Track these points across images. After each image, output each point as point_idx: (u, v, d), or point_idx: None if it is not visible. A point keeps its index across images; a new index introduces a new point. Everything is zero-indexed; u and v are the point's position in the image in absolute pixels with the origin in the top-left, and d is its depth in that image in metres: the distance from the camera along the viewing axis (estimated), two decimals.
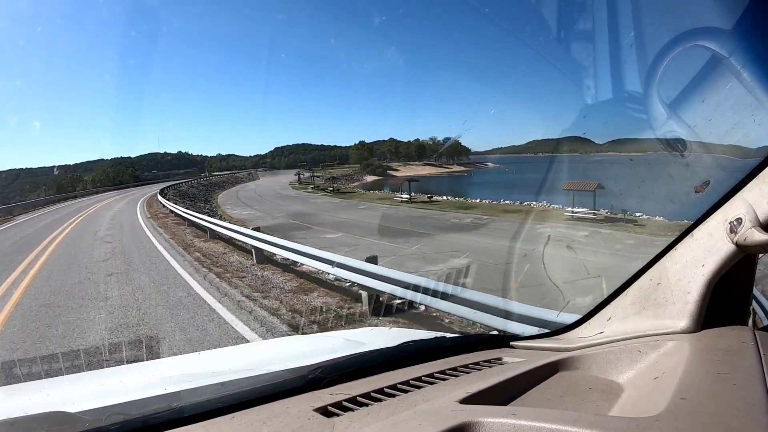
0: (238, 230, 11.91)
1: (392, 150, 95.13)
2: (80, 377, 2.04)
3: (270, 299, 7.09)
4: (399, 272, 6.19)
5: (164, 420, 0.97)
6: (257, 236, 10.33)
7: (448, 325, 6.06)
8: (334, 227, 22.91)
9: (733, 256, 1.05)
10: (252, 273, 9.19)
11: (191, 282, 8.45)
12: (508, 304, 4.67)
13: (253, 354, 2.06)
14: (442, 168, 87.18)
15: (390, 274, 6.08)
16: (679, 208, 2.02)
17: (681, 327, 1.11)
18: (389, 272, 6.17)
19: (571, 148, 8.45)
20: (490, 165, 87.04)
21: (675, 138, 1.51)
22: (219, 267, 9.63)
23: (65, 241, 15.13)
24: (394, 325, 5.30)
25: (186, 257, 10.92)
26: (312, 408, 1.00)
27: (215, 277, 8.67)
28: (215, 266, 9.70)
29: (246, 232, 11.32)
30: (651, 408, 0.78)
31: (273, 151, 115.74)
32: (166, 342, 5.40)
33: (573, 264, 8.62)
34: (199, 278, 8.74)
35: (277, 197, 45.21)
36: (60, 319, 6.53)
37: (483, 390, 0.99)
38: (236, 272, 9.18)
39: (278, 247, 9.24)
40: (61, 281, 9.09)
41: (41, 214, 29.36)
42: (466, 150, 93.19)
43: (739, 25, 1.23)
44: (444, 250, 15.93)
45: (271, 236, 10.22)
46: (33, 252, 13.04)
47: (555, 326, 1.63)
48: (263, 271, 9.33)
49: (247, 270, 9.48)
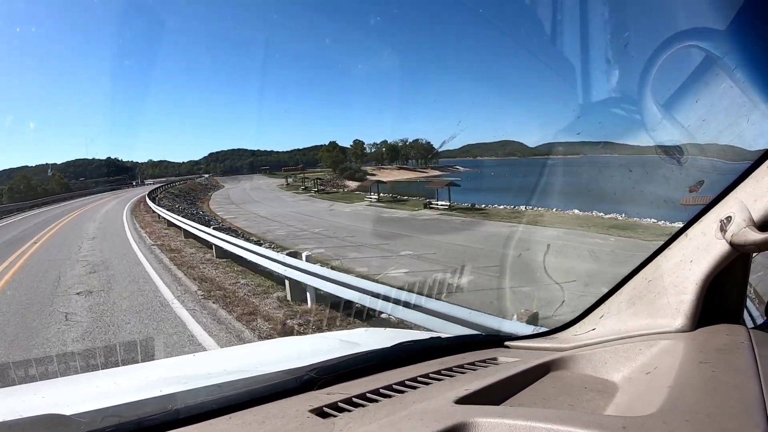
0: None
1: (358, 153, 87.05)
2: (75, 379, 2.02)
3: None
4: None
5: (159, 422, 0.97)
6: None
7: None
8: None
9: (727, 255, 1.05)
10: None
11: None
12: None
13: (249, 355, 2.05)
14: (417, 172, 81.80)
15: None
16: (673, 209, 2.03)
17: (676, 326, 1.11)
18: None
19: (566, 151, 8.43)
20: (461, 169, 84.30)
21: (672, 145, 1.52)
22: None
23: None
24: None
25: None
26: (308, 409, 1.00)
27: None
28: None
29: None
30: (646, 407, 0.78)
31: (207, 156, 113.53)
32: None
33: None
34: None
35: (323, 212, 29.55)
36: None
37: (478, 390, 0.99)
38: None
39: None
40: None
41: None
42: (434, 151, 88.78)
43: (733, 25, 1.23)
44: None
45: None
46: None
47: (550, 325, 1.63)
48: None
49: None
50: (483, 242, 16.34)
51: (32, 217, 28.96)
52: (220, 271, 9.91)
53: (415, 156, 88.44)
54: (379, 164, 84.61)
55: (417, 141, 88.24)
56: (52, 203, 42.01)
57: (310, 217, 26.06)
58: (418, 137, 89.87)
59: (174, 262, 10.99)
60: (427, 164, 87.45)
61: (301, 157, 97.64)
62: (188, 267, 10.27)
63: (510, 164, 67.53)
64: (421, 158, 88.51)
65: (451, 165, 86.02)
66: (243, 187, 61.88)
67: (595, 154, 10.51)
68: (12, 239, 17.84)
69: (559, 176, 13.29)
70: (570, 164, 13.07)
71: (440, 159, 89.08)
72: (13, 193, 52.73)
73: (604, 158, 8.60)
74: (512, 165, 63.73)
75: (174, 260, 11.16)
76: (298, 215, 27.36)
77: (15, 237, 18.54)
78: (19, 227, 22.92)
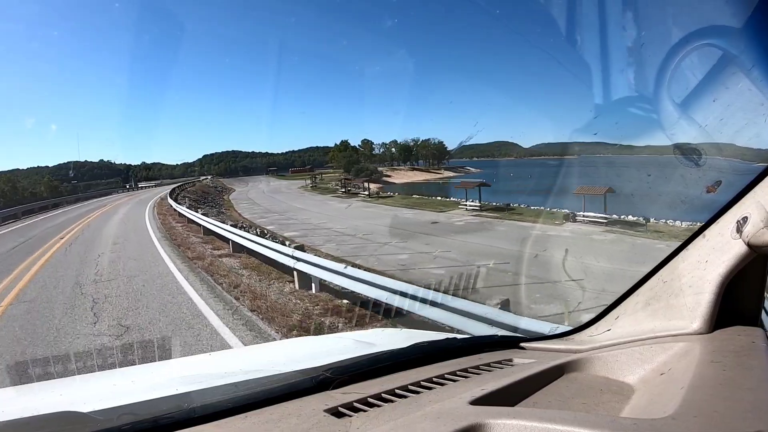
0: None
1: (366, 153, 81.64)
2: (92, 377, 2.06)
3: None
4: None
5: (175, 420, 0.98)
6: None
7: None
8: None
9: (744, 256, 1.04)
10: None
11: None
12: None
13: (264, 355, 2.07)
14: (429, 173, 78.92)
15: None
16: (690, 209, 2.01)
17: (692, 328, 1.10)
18: None
19: (580, 150, 8.31)
20: (472, 170, 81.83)
21: (691, 148, 1.50)
22: None
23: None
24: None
25: None
26: (323, 408, 1.01)
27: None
28: None
29: None
30: (662, 409, 0.78)
31: (202, 158, 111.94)
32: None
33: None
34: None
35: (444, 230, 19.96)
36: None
37: (493, 391, 0.99)
38: None
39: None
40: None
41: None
42: (449, 151, 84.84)
43: (749, 23, 1.22)
44: None
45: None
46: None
47: (565, 327, 1.63)
48: None
49: None
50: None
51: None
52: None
53: (427, 156, 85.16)
54: (390, 165, 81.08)
55: (428, 141, 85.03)
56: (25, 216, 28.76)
57: (437, 237, 17.39)
58: (428, 137, 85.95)
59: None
60: (439, 165, 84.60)
61: (297, 158, 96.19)
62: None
63: (514, 165, 66.54)
64: (434, 158, 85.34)
65: (461, 166, 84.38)
66: (259, 189, 55.84)
67: (611, 154, 10.31)
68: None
69: (578, 176, 12.78)
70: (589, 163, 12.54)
71: (451, 160, 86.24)
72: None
73: (621, 158, 8.40)
74: (516, 166, 62.83)
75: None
76: (398, 231, 18.87)
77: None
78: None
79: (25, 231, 19.54)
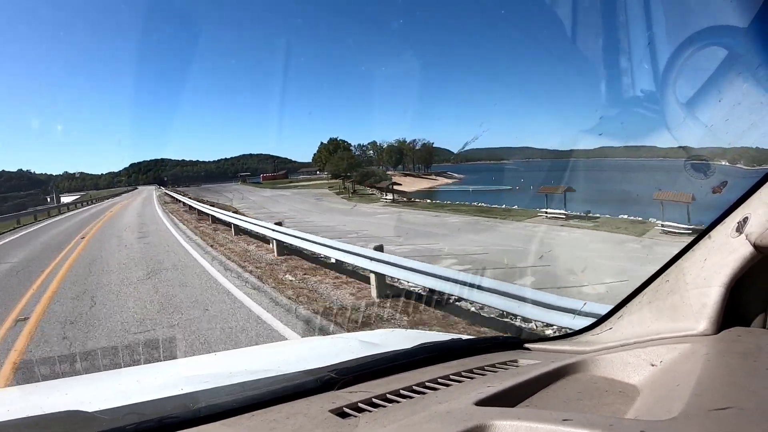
0: None
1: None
2: (97, 377, 2.07)
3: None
4: None
5: (181, 420, 0.99)
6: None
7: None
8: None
9: (751, 257, 1.03)
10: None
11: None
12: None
13: (268, 355, 2.08)
14: (422, 178, 71.08)
15: None
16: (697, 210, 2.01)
17: (698, 329, 1.10)
18: None
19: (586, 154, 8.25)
20: (456, 176, 74.27)
21: (701, 164, 1.49)
22: None
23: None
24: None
25: None
26: (328, 409, 1.01)
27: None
28: None
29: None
30: (667, 412, 0.77)
31: (129, 167, 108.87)
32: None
33: None
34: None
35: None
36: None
37: (498, 392, 0.99)
38: None
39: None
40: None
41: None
42: (434, 154, 77.06)
43: (755, 22, 1.21)
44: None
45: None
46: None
47: (571, 328, 1.62)
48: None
49: None
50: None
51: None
52: None
53: (415, 159, 77.47)
54: (382, 169, 70.54)
55: (414, 142, 76.06)
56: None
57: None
58: (413, 138, 77.09)
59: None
60: (426, 170, 77.66)
61: (230, 166, 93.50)
62: None
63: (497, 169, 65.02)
64: (422, 162, 77.72)
65: (444, 171, 79.03)
66: (252, 200, 42.28)
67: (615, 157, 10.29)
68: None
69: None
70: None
71: (433, 165, 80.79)
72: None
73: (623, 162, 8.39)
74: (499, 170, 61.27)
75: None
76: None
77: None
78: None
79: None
